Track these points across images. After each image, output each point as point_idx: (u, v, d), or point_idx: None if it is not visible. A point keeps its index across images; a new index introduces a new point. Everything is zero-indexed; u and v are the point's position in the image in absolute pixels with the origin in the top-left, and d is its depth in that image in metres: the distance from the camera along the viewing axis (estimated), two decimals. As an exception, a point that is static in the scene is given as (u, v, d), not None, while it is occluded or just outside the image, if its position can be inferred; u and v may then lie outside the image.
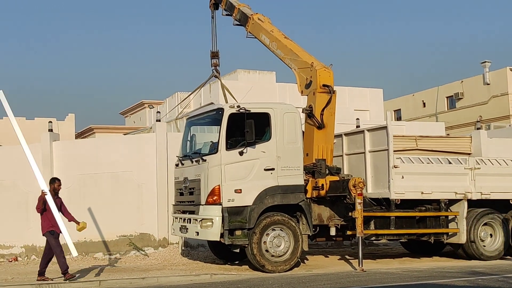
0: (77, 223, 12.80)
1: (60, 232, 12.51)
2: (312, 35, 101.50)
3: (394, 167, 14.07)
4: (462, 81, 43.62)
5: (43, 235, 12.61)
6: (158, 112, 19.30)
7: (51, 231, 12.49)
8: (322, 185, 13.51)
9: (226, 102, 15.58)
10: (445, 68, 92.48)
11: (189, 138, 14.61)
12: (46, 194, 12.48)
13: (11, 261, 16.73)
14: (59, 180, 13.16)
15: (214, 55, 17.16)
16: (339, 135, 15.58)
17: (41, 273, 12.65)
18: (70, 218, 12.85)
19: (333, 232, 13.95)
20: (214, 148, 13.09)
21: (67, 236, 12.51)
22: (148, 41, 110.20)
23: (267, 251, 13.03)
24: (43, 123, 36.45)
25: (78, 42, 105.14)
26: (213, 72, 17.07)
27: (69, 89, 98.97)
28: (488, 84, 41.07)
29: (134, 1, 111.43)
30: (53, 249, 12.51)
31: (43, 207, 12.51)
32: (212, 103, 14.92)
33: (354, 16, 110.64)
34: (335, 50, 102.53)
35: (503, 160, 15.61)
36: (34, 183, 17.13)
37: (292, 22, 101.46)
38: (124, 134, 29.29)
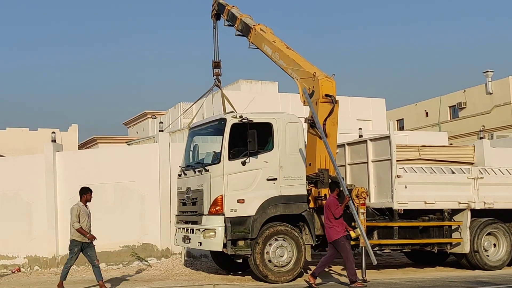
0: (352, 230, 12.55)
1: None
2: (314, 45, 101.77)
3: (397, 177, 14.04)
4: (464, 91, 43.58)
5: (335, 240, 12.09)
6: (161, 122, 19.36)
7: (347, 236, 12.18)
8: (325, 195, 13.46)
9: (225, 111, 15.61)
10: (448, 77, 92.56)
11: (191, 148, 14.64)
12: (350, 199, 12.28)
13: (14, 272, 16.72)
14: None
15: (216, 64, 17.24)
16: (342, 145, 15.57)
17: (315, 275, 12.15)
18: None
19: (336, 242, 13.90)
20: (216, 158, 13.11)
21: (368, 242, 12.46)
22: (151, 51, 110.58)
23: (270, 261, 13.00)
24: (46, 133, 36.43)
25: (80, 53, 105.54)
26: (215, 81, 17.14)
27: (72, 100, 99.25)
28: (490, 93, 41.05)
29: (136, 12, 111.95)
30: (346, 255, 12.04)
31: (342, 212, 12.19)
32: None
33: (356, 26, 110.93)
34: (338, 60, 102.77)
35: (506, 169, 15.57)
36: (37, 194, 17.30)
37: (293, 31, 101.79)
38: (127, 144, 29.33)
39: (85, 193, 12.49)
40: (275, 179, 13.17)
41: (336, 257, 12.46)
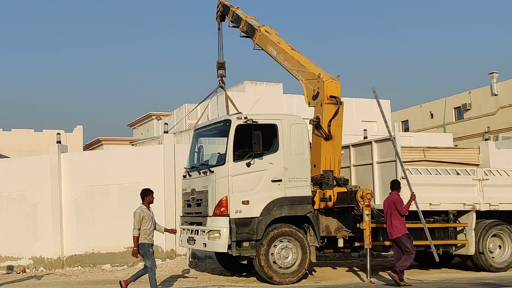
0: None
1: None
2: (318, 46, 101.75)
3: (402, 178, 14.02)
4: (469, 92, 43.50)
5: (396, 238, 12.64)
6: (166, 123, 19.37)
7: (408, 234, 12.74)
8: (330, 196, 13.48)
9: (228, 113, 15.62)
10: (453, 79, 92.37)
11: (196, 150, 14.64)
12: (415, 197, 12.80)
13: (19, 273, 16.76)
14: None
15: (221, 66, 17.27)
16: (347, 146, 15.56)
17: (396, 271, 12.67)
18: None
19: (341, 243, 13.90)
20: (221, 160, 13.11)
21: (431, 241, 13.31)
22: (156, 53, 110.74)
23: (274, 262, 12.99)
24: (51, 135, 36.62)
25: (85, 54, 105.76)
26: (219, 82, 17.17)
27: (77, 101, 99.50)
28: (496, 95, 40.94)
29: (141, 13, 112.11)
30: (407, 251, 12.61)
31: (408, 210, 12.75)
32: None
33: (361, 27, 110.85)
34: (342, 61, 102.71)
35: (512, 171, 15.53)
36: (42, 195, 17.34)
37: (297, 32, 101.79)
38: (132, 144, 29.38)
39: (147, 195, 11.70)
40: (280, 180, 13.17)
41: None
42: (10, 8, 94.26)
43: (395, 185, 12.92)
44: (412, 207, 14.10)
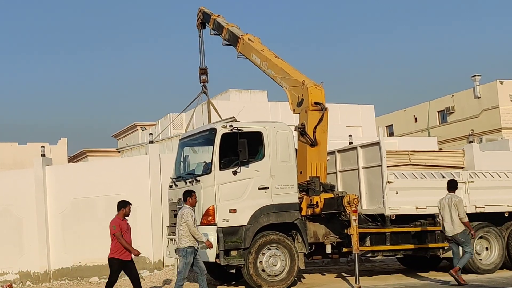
0: None
1: None
2: (301, 53, 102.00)
3: (388, 182, 14.05)
4: (453, 95, 43.84)
5: None
6: (151, 134, 19.31)
7: None
8: (317, 202, 13.48)
9: (210, 119, 15.60)
10: (436, 82, 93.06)
11: (182, 159, 14.58)
12: None
13: (5, 288, 16.58)
14: None
15: (203, 71, 17.30)
16: (332, 152, 15.57)
17: None
18: None
19: (329, 249, 13.89)
20: (207, 169, 13.06)
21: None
22: (139, 63, 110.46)
23: (263, 270, 12.95)
24: (35, 148, 36.34)
25: (68, 66, 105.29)
26: (202, 88, 17.17)
27: (60, 113, 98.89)
28: (478, 97, 41.29)
29: (124, 23, 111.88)
30: None
31: None
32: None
33: (343, 32, 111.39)
34: (326, 67, 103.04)
35: (496, 173, 15.60)
36: (27, 209, 17.18)
37: (281, 39, 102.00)
38: (117, 150, 29.25)
39: None
40: (267, 188, 13.14)
41: None
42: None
43: None
44: (405, 211, 14.21)
